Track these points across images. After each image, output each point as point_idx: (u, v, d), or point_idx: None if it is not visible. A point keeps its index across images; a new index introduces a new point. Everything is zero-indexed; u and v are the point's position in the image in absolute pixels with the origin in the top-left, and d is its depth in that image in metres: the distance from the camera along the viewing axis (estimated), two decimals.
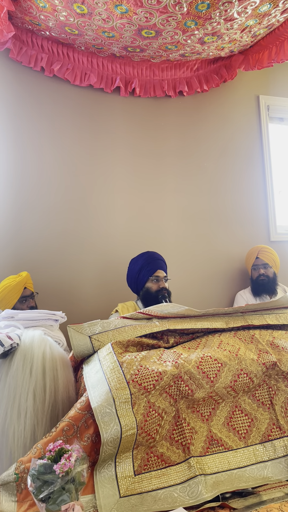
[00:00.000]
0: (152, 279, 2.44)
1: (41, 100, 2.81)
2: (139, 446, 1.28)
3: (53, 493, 1.04)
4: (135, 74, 2.95)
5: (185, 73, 3.06)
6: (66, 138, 2.85)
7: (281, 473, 1.34)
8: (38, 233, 2.71)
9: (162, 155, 3.09)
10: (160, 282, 2.44)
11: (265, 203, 3.34)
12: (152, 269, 2.45)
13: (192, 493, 1.22)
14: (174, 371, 1.39)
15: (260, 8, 2.29)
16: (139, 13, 2.19)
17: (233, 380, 1.44)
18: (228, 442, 1.38)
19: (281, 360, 1.54)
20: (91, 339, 1.56)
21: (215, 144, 3.25)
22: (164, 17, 2.23)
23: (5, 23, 2.25)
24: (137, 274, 2.46)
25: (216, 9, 2.19)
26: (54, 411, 1.44)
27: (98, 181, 2.91)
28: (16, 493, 1.19)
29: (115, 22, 2.31)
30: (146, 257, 2.50)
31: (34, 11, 2.31)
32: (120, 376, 1.35)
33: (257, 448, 1.39)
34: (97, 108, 2.95)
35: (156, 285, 2.44)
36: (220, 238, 3.17)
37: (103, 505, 1.16)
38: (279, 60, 2.82)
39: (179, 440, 1.34)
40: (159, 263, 2.50)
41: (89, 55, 2.80)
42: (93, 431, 1.29)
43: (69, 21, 2.35)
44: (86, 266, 2.80)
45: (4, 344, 1.45)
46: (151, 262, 2.47)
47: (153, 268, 2.45)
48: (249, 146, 3.35)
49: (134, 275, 2.48)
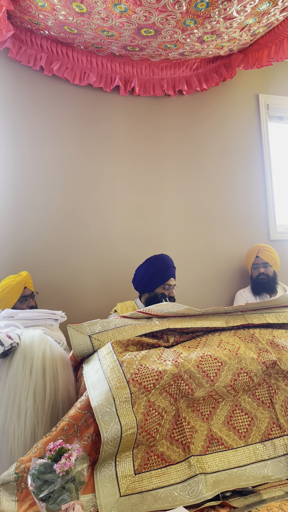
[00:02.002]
0: (164, 286, 2.47)
1: (40, 99, 2.81)
2: (139, 445, 1.29)
3: (53, 492, 1.04)
4: (134, 73, 2.95)
5: (185, 72, 3.06)
6: (66, 137, 2.85)
7: (281, 471, 1.34)
8: (37, 233, 2.71)
9: (162, 154, 3.09)
10: (170, 291, 2.49)
11: (265, 202, 3.34)
12: (166, 277, 2.48)
13: (192, 492, 1.22)
14: (174, 370, 1.39)
15: (259, 7, 2.28)
16: (138, 12, 2.19)
17: (233, 379, 1.44)
18: (228, 441, 1.38)
19: (281, 359, 1.54)
20: (91, 338, 1.56)
21: (215, 143, 3.25)
22: (163, 16, 2.23)
23: (4, 23, 2.25)
24: (150, 278, 2.47)
25: (215, 8, 2.18)
26: (54, 411, 1.44)
27: (98, 180, 2.91)
28: (16, 492, 1.19)
29: (114, 21, 2.31)
30: (162, 263, 2.52)
31: (33, 10, 2.31)
32: (120, 375, 1.35)
33: (257, 447, 1.39)
34: (96, 108, 2.95)
35: (166, 292, 2.48)
36: (220, 237, 3.17)
37: (104, 504, 1.16)
38: (279, 58, 2.81)
39: (179, 439, 1.34)
40: (172, 270, 2.53)
41: (88, 54, 2.79)
42: (93, 430, 1.29)
43: (68, 20, 2.34)
44: (86, 265, 2.80)
45: (4, 344, 1.45)
46: (166, 269, 2.50)
47: (167, 276, 2.48)
48: (249, 145, 3.35)
49: (146, 278, 2.48)
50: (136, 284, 2.54)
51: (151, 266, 2.50)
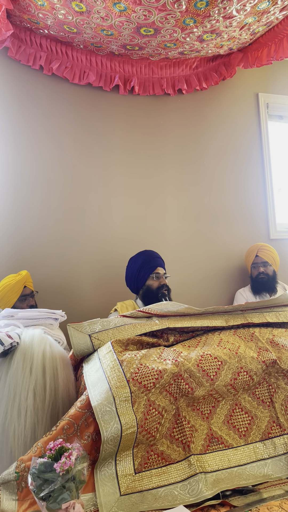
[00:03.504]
0: (152, 276, 2.46)
1: (39, 98, 2.80)
2: (139, 444, 1.29)
3: (53, 491, 1.04)
4: (134, 72, 2.94)
5: (184, 71, 3.06)
6: (65, 137, 2.85)
7: (281, 470, 1.34)
8: (37, 232, 2.71)
9: (161, 153, 3.09)
10: (161, 279, 2.47)
11: (265, 201, 3.33)
12: (152, 267, 2.47)
13: (193, 491, 1.22)
14: (174, 369, 1.39)
15: (259, 6, 2.28)
16: (138, 11, 2.19)
17: (233, 378, 1.44)
18: (228, 440, 1.38)
19: (281, 358, 1.54)
20: (91, 337, 1.56)
21: (215, 142, 3.25)
22: (163, 15, 2.22)
23: (3, 22, 2.25)
24: (138, 272, 2.47)
25: (215, 7, 2.18)
26: (54, 410, 1.44)
27: (97, 179, 2.90)
28: (16, 491, 1.19)
29: (113, 20, 2.30)
30: (145, 255, 2.52)
31: (33, 9, 2.31)
32: (120, 374, 1.35)
33: (257, 446, 1.39)
34: (96, 107, 2.95)
35: (157, 282, 2.45)
36: (219, 237, 3.17)
37: (104, 503, 1.16)
38: (278, 57, 2.81)
39: (179, 438, 1.34)
40: (158, 261, 2.53)
41: (88, 54, 2.79)
42: (93, 429, 1.30)
43: (67, 19, 2.34)
44: (85, 264, 2.80)
45: (4, 343, 1.45)
46: (151, 260, 2.50)
47: (153, 266, 2.48)
48: (249, 144, 3.35)
49: (134, 274, 2.48)
50: (129, 283, 2.55)
51: (135, 262, 2.51)
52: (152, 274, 2.46)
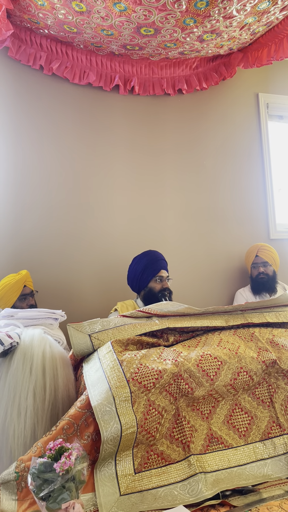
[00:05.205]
0: (155, 279, 2.45)
1: (40, 98, 2.80)
2: (139, 444, 1.29)
3: (53, 491, 1.04)
4: (134, 72, 2.94)
5: (184, 71, 3.06)
6: (66, 137, 2.85)
7: (281, 470, 1.34)
8: (38, 232, 2.71)
9: (161, 154, 3.09)
10: (163, 282, 2.46)
11: (265, 201, 3.34)
12: (156, 269, 2.46)
13: (192, 491, 1.22)
14: (174, 370, 1.39)
15: (259, 6, 2.28)
16: (138, 11, 2.19)
17: (233, 378, 1.44)
18: (228, 440, 1.38)
19: (281, 358, 1.54)
20: (91, 337, 1.56)
21: (215, 142, 3.25)
22: (163, 15, 2.22)
23: (3, 21, 2.25)
24: (141, 274, 2.46)
25: (215, 7, 2.18)
26: (54, 410, 1.44)
27: (98, 180, 2.90)
28: (16, 491, 1.19)
29: (114, 20, 2.30)
30: (150, 257, 2.50)
31: (33, 9, 2.31)
32: (120, 374, 1.35)
33: (257, 446, 1.39)
34: (96, 107, 2.94)
35: (159, 285, 2.45)
36: (219, 236, 3.17)
37: (104, 503, 1.16)
38: (278, 57, 2.81)
39: (179, 438, 1.34)
40: (162, 263, 2.51)
41: (88, 53, 2.79)
42: (93, 429, 1.29)
43: (67, 19, 2.34)
44: (85, 264, 2.80)
45: (4, 343, 1.45)
46: (155, 262, 2.48)
47: (157, 268, 2.46)
48: (249, 144, 3.35)
49: (137, 275, 2.47)
50: (131, 283, 2.54)
51: (139, 262, 2.50)
52: (156, 277, 2.45)
